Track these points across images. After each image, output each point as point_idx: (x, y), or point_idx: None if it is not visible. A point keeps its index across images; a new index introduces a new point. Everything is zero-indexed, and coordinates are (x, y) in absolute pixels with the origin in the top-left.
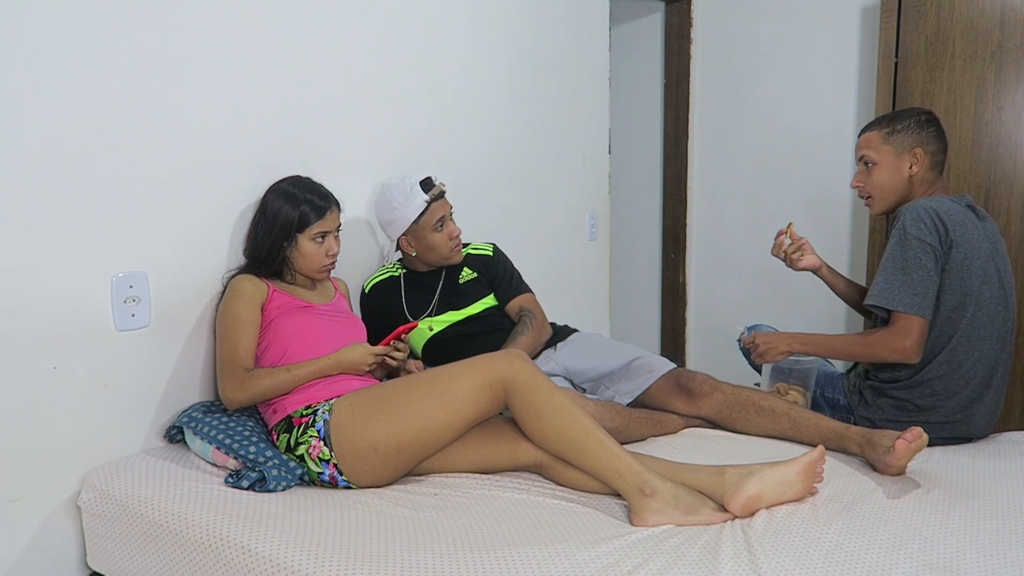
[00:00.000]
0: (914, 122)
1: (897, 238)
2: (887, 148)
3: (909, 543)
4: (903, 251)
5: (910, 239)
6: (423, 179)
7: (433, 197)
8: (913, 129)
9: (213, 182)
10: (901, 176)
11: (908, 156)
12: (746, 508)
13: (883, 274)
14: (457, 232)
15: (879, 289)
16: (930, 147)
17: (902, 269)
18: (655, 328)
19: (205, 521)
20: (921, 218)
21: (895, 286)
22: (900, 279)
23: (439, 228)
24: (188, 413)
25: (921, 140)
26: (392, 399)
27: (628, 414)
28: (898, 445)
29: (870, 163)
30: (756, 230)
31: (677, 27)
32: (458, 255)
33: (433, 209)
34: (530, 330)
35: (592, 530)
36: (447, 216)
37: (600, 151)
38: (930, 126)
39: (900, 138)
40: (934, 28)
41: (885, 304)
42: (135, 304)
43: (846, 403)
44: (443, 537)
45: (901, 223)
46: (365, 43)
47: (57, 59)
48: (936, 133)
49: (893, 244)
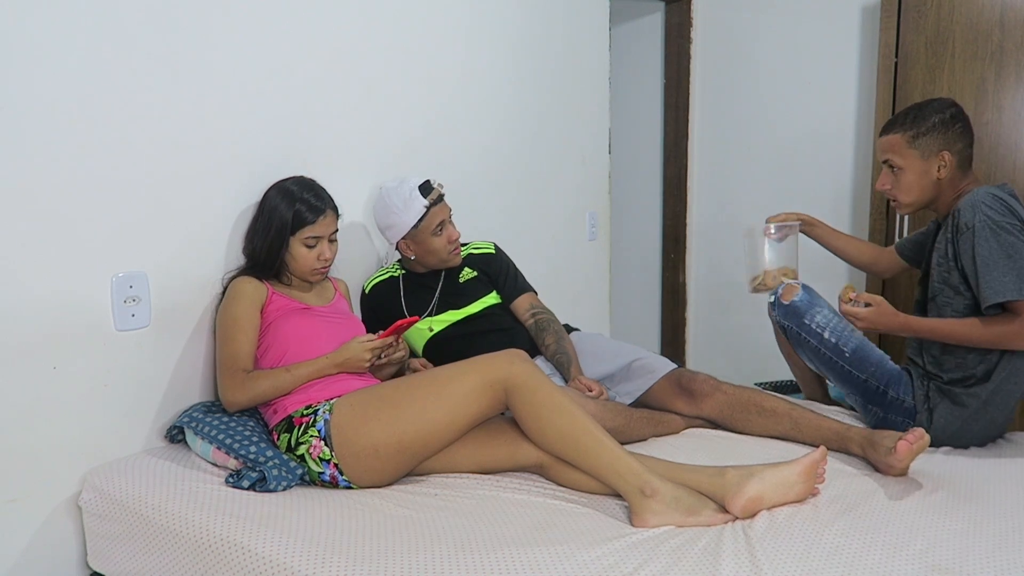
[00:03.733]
0: (939, 121)
1: (988, 230)
2: (913, 152)
3: (911, 544)
4: (999, 240)
5: (1002, 225)
6: (422, 183)
7: (432, 202)
8: (938, 130)
9: (213, 182)
10: (930, 179)
11: (936, 160)
12: (747, 509)
13: (989, 269)
14: (456, 236)
15: (993, 285)
16: (957, 146)
17: (1008, 256)
18: (655, 328)
19: (206, 521)
20: (997, 205)
21: (1009, 276)
22: (1010, 267)
23: (439, 232)
24: (189, 413)
25: (948, 141)
26: (393, 399)
27: (629, 414)
28: (900, 446)
29: (896, 167)
30: None
31: (677, 27)
32: (456, 258)
33: (433, 214)
34: (559, 327)
35: (592, 531)
36: (447, 220)
37: (600, 151)
38: (956, 123)
39: (926, 142)
40: (934, 28)
41: (1009, 297)
42: (135, 304)
43: (911, 404)
44: (443, 537)
45: (983, 215)
46: (365, 43)
47: (56, 58)
48: (963, 129)
49: (985, 237)
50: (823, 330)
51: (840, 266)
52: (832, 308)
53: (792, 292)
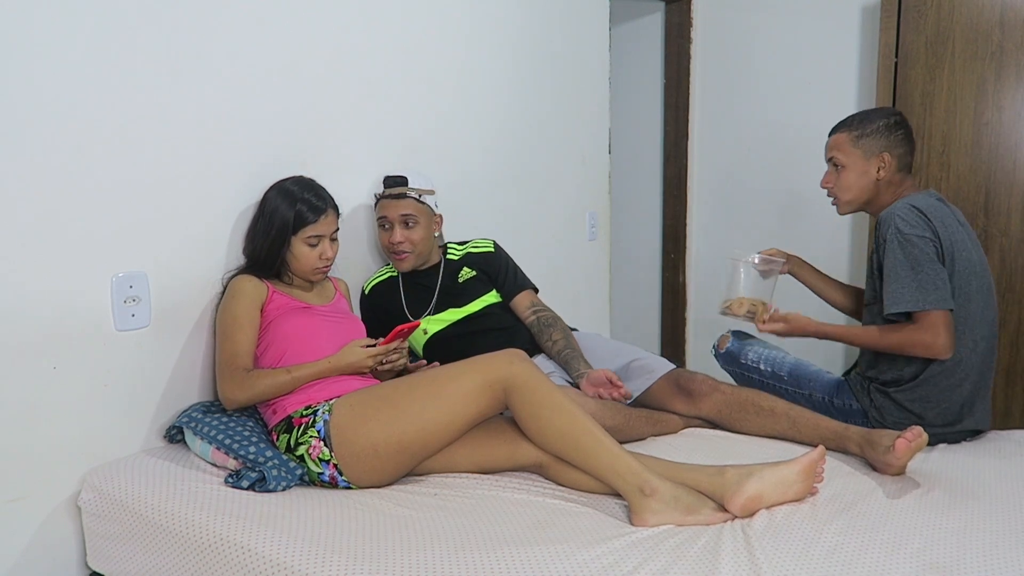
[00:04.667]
0: (883, 125)
1: (896, 242)
2: (856, 152)
3: (909, 543)
4: (905, 251)
5: (909, 237)
6: (396, 175)
7: (381, 195)
8: (882, 133)
9: (213, 181)
10: (869, 179)
11: (876, 160)
12: (746, 508)
13: (893, 280)
14: (399, 239)
15: (894, 295)
16: (898, 150)
17: (911, 268)
18: (655, 328)
19: (205, 521)
20: (910, 216)
21: (909, 287)
22: (912, 278)
23: (385, 227)
24: (188, 413)
25: (889, 144)
26: (392, 399)
27: (628, 413)
28: (898, 444)
29: (839, 165)
30: (756, 229)
31: (677, 27)
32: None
33: (381, 206)
34: (564, 324)
35: (592, 530)
36: (395, 220)
37: (600, 151)
38: (899, 129)
39: (869, 142)
40: (934, 28)
41: (905, 308)
42: (135, 304)
43: (859, 407)
44: (443, 537)
45: (894, 227)
46: (365, 42)
47: (56, 57)
48: (904, 136)
49: (893, 248)
50: (758, 363)
51: (839, 267)
52: (763, 343)
53: (725, 341)
